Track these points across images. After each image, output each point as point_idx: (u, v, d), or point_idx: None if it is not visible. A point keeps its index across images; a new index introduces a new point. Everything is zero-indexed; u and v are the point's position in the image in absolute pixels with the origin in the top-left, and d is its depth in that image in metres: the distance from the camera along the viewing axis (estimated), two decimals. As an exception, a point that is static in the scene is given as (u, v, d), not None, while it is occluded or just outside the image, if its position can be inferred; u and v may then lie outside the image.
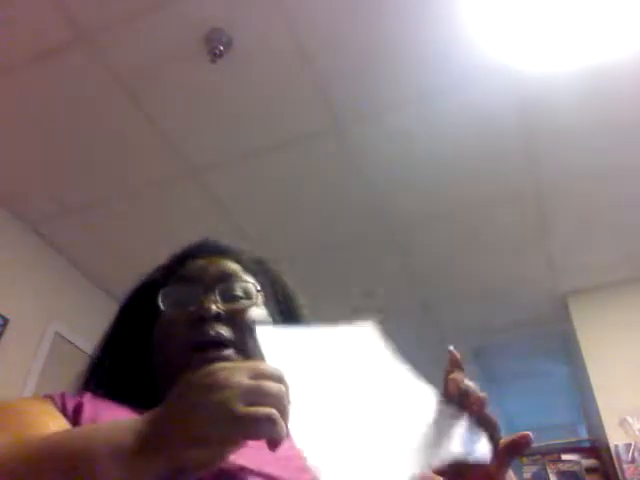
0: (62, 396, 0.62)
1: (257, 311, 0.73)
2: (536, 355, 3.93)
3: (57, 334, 2.71)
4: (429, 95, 2.17)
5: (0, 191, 2.54)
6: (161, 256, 0.85)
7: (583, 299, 3.14)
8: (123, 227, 2.77)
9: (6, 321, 2.45)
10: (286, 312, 0.80)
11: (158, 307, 0.72)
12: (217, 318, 0.68)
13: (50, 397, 0.62)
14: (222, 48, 1.94)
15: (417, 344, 3.73)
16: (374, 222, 2.73)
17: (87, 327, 2.74)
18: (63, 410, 0.60)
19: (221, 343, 0.67)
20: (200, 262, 0.76)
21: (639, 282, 3.03)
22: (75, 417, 0.59)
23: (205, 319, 0.68)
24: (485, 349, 3.84)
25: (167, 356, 0.69)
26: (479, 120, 2.25)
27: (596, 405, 2.79)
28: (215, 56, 1.95)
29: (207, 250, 0.79)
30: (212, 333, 0.67)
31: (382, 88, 2.15)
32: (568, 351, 3.63)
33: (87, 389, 0.72)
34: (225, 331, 0.68)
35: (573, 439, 3.23)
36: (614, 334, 2.95)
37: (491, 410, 0.56)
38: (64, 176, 2.49)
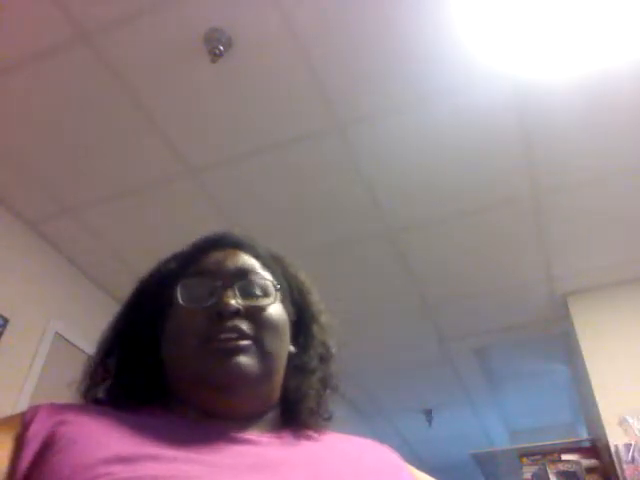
0: (33, 417, 0.60)
1: (275, 309, 0.72)
2: (536, 355, 3.93)
3: (57, 334, 2.71)
4: (429, 97, 2.17)
5: (0, 190, 2.54)
6: (161, 255, 0.85)
7: (583, 299, 3.14)
8: (123, 227, 2.77)
9: (6, 321, 2.45)
10: (302, 310, 0.80)
11: (172, 299, 0.70)
12: (236, 314, 0.67)
13: (20, 416, 0.61)
14: (222, 48, 1.94)
15: (417, 344, 3.73)
16: (374, 222, 2.73)
17: (87, 327, 2.74)
18: (24, 432, 0.58)
19: (240, 335, 0.66)
20: (218, 255, 0.74)
21: (638, 282, 3.03)
22: (49, 437, 0.58)
23: (224, 315, 0.67)
24: (485, 349, 3.84)
25: (182, 350, 0.68)
26: (478, 123, 2.25)
27: (596, 405, 2.79)
28: (215, 56, 1.95)
29: (225, 243, 0.77)
30: (231, 326, 0.66)
31: (382, 89, 2.15)
32: (568, 351, 3.63)
33: (89, 392, 0.72)
34: (244, 325, 0.67)
35: (573, 439, 3.23)
36: (614, 334, 2.95)
37: (491, 410, 0.55)
38: (64, 176, 2.49)
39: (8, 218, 2.64)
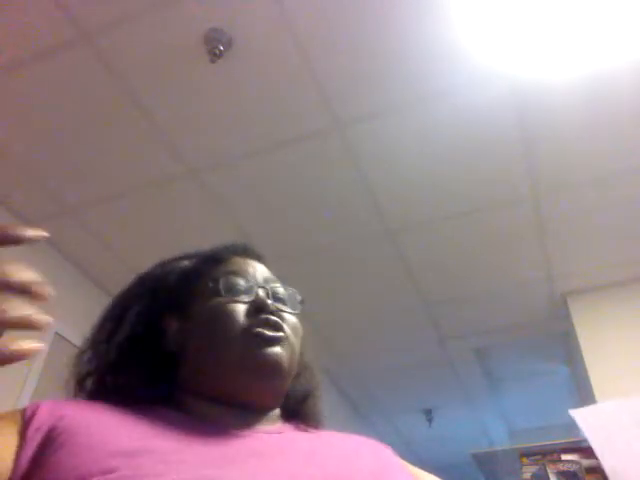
0: (34, 413, 0.61)
1: (296, 318, 0.78)
2: (536, 355, 3.93)
3: (57, 334, 2.71)
4: (428, 98, 2.17)
5: (0, 190, 2.55)
6: (161, 255, 0.85)
7: (583, 299, 3.14)
8: (123, 227, 2.77)
9: (6, 321, 2.45)
10: None
11: (196, 293, 0.75)
12: (273, 313, 0.73)
13: (20, 412, 0.61)
14: (222, 48, 1.95)
15: (417, 344, 3.73)
16: (374, 223, 2.73)
17: (87, 327, 2.74)
18: (25, 427, 0.59)
19: (278, 328, 0.72)
20: (247, 261, 0.81)
21: (638, 282, 3.03)
22: (50, 431, 0.58)
23: (263, 310, 0.72)
24: (485, 349, 3.85)
25: (220, 338, 0.71)
26: (478, 123, 2.25)
27: (596, 405, 2.79)
28: (215, 56, 1.95)
29: (250, 253, 0.84)
30: (271, 319, 0.72)
31: (381, 89, 2.15)
32: (568, 351, 3.63)
33: (83, 383, 0.72)
34: (280, 321, 0.73)
35: (573, 439, 3.22)
36: (614, 334, 2.95)
37: (491, 410, 0.56)
38: (64, 176, 2.49)
39: (8, 218, 2.64)
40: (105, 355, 0.73)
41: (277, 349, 0.70)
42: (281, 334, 0.71)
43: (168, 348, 0.74)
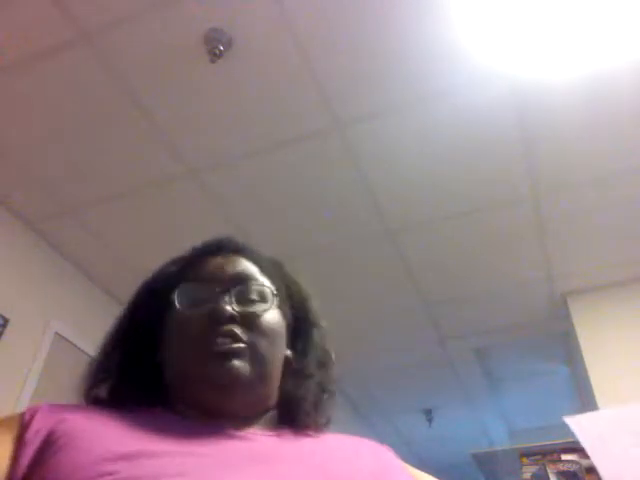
0: (32, 416, 0.61)
1: (271, 314, 0.72)
2: (536, 355, 3.93)
3: (57, 334, 2.71)
4: (428, 98, 2.17)
5: (0, 190, 2.54)
6: (161, 255, 0.85)
7: (583, 299, 3.14)
8: (123, 227, 2.77)
9: (6, 321, 2.45)
10: (301, 315, 0.80)
11: (171, 303, 0.71)
12: (231, 320, 0.68)
13: (19, 416, 0.62)
14: (222, 48, 1.95)
15: (417, 344, 3.73)
16: (374, 222, 2.73)
17: (87, 327, 2.74)
18: (24, 431, 0.59)
19: (234, 339, 0.67)
20: (217, 260, 0.76)
21: (638, 282, 3.03)
22: (49, 436, 0.58)
23: (219, 320, 0.68)
24: (485, 349, 3.84)
25: (180, 354, 0.69)
26: (478, 123, 2.25)
27: (596, 405, 2.79)
28: (215, 56, 1.95)
29: (225, 248, 0.79)
30: (226, 331, 0.67)
31: (381, 89, 2.15)
32: (568, 351, 3.63)
33: (90, 391, 0.72)
34: (239, 330, 0.68)
35: (573, 439, 3.22)
36: (614, 334, 2.95)
37: (491, 410, 0.55)
38: (64, 176, 2.49)
39: (8, 218, 2.64)
40: (108, 363, 0.74)
41: (234, 362, 0.66)
42: (238, 345, 0.67)
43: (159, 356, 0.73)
